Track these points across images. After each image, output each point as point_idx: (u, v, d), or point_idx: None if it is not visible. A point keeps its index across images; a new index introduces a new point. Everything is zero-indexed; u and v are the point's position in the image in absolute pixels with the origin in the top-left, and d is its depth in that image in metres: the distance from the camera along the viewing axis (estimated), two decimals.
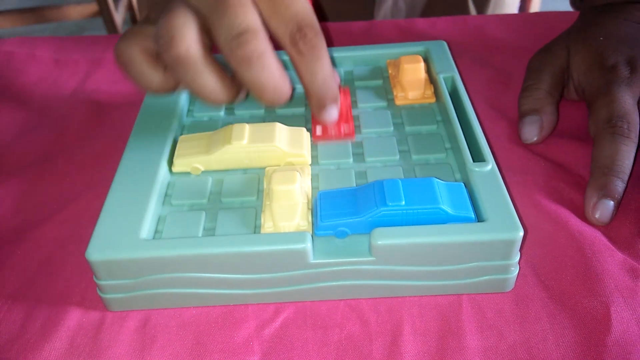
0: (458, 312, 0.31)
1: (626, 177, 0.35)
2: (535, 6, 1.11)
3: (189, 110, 0.42)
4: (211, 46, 0.32)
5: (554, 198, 0.37)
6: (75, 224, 0.37)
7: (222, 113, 0.42)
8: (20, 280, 0.34)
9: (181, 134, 0.39)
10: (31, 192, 0.41)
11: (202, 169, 0.36)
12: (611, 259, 0.32)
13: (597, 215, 0.34)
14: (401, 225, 0.30)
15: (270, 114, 0.41)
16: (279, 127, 0.36)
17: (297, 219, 0.31)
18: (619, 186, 0.35)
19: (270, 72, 0.31)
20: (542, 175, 0.39)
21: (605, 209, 0.34)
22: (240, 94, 0.34)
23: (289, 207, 0.31)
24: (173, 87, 0.35)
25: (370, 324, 0.30)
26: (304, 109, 0.42)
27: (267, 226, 0.31)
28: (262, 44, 0.30)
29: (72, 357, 0.29)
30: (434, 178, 0.32)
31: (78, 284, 0.33)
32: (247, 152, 0.35)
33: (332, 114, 0.36)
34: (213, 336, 0.30)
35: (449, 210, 0.30)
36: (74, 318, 0.31)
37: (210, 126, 0.40)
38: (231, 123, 0.38)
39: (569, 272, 0.32)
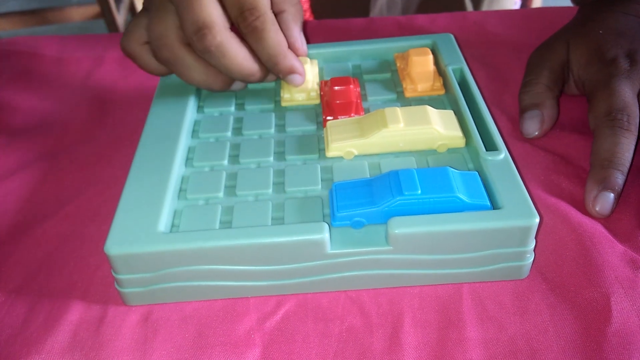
0: (458, 303, 0.31)
1: (626, 170, 0.35)
2: (537, 1, 1.11)
3: (199, 107, 0.42)
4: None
5: (555, 191, 0.37)
6: (77, 220, 0.38)
7: (232, 108, 0.42)
8: (24, 275, 0.34)
9: (192, 130, 0.39)
10: (34, 190, 0.41)
11: (356, 153, 0.36)
12: (611, 251, 0.32)
13: (597, 208, 0.35)
14: (417, 214, 0.30)
15: (279, 107, 0.42)
16: (430, 109, 0.37)
17: (309, 89, 0.41)
18: (619, 179, 0.35)
19: (230, 58, 0.36)
20: (542, 169, 0.39)
21: (605, 201, 0.34)
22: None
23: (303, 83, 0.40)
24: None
25: (370, 316, 0.30)
26: (318, 101, 0.42)
27: (285, 98, 0.41)
28: (217, 36, 0.35)
29: (74, 351, 0.30)
30: (449, 167, 0.32)
31: (80, 279, 0.34)
32: (404, 135, 0.35)
33: (292, 80, 0.39)
34: (214, 329, 0.30)
35: (465, 198, 0.30)
36: (76, 312, 0.32)
37: (222, 121, 0.40)
38: (241, 117, 0.39)
39: (570, 263, 0.32)
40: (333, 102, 0.39)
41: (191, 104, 0.41)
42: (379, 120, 0.36)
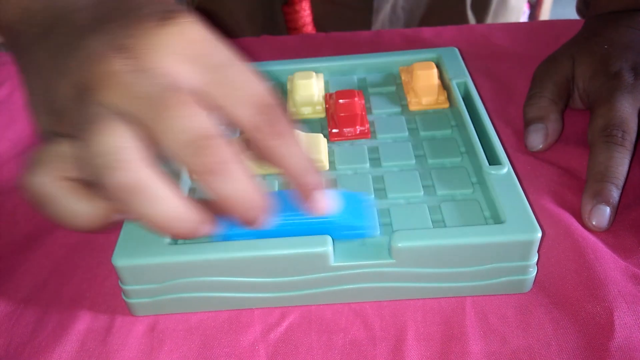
0: (461, 317, 0.31)
1: (621, 183, 0.35)
2: (545, 13, 1.11)
3: None
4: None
5: (558, 204, 0.37)
6: None
7: None
8: (33, 285, 0.35)
9: None
10: None
11: None
12: (614, 265, 0.32)
13: (594, 222, 0.35)
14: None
15: None
16: (297, 134, 0.37)
17: (315, 103, 0.42)
18: (614, 192, 0.35)
19: (239, 183, 0.25)
20: (546, 182, 0.39)
21: (601, 214, 0.34)
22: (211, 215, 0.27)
23: (308, 96, 0.42)
24: (108, 219, 0.27)
25: (374, 328, 0.31)
26: (324, 115, 0.42)
27: (291, 112, 0.41)
28: (223, 149, 0.24)
29: None
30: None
31: (88, 289, 0.34)
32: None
33: (320, 200, 0.29)
34: (219, 340, 0.31)
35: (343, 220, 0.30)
36: (84, 322, 0.32)
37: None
38: None
39: (572, 277, 0.32)
40: (338, 115, 0.40)
41: None
42: None
